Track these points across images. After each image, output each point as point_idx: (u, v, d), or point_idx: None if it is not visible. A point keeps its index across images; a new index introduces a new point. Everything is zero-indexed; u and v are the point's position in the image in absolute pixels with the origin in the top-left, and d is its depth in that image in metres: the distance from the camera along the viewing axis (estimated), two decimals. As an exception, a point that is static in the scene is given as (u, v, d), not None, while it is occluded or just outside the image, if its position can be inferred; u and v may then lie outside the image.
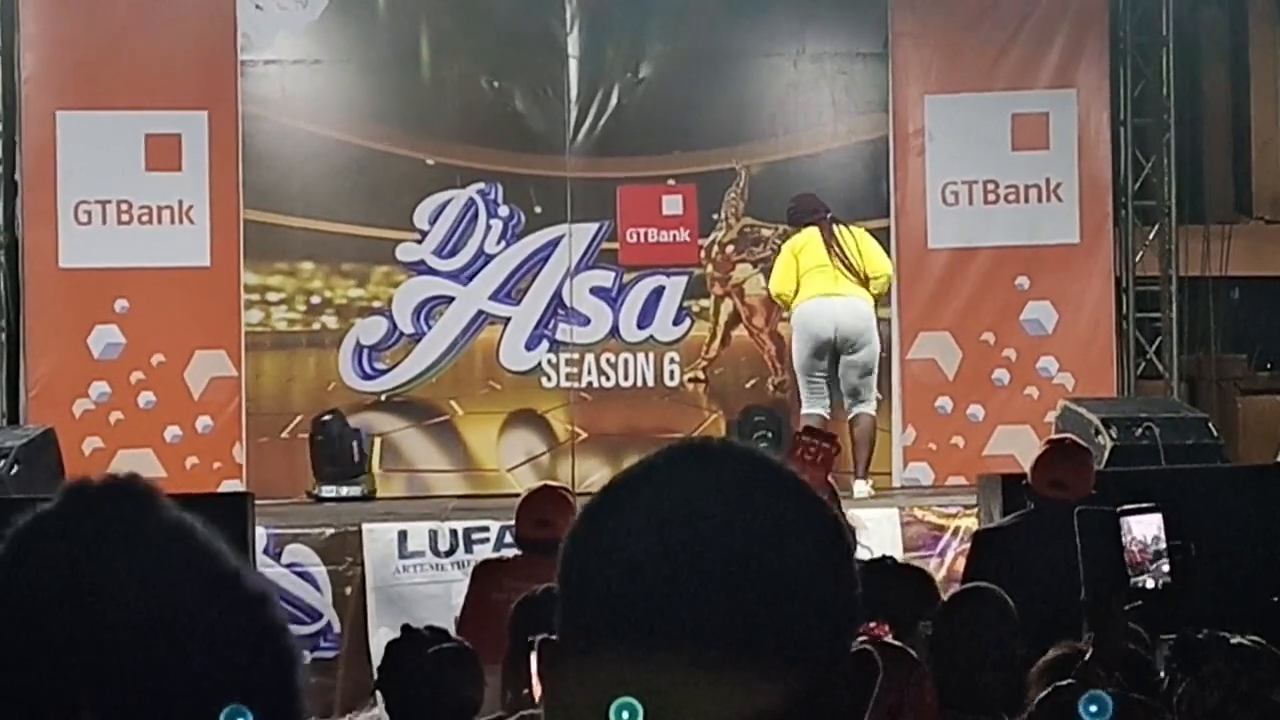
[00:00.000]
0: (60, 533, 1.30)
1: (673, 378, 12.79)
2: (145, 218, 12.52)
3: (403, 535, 10.58)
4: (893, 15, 12.85)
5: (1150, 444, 10.54)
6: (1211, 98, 14.21)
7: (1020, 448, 11.47)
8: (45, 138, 12.48)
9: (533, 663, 1.49)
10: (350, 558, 10.53)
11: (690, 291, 12.81)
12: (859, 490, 11.21)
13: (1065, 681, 4.64)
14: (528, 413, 12.76)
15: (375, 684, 5.77)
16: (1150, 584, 5.22)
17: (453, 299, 12.72)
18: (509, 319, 12.73)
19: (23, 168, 12.55)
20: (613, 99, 12.75)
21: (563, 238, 12.71)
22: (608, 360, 12.75)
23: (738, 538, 1.39)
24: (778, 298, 11.73)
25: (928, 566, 8.76)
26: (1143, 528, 5.33)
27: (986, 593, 6.06)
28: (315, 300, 12.77)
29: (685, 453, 1.46)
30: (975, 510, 10.26)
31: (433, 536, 10.59)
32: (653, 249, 12.79)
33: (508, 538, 9.97)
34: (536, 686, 1.47)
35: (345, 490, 12.20)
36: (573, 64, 12.76)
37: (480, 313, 12.74)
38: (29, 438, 10.60)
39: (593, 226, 12.73)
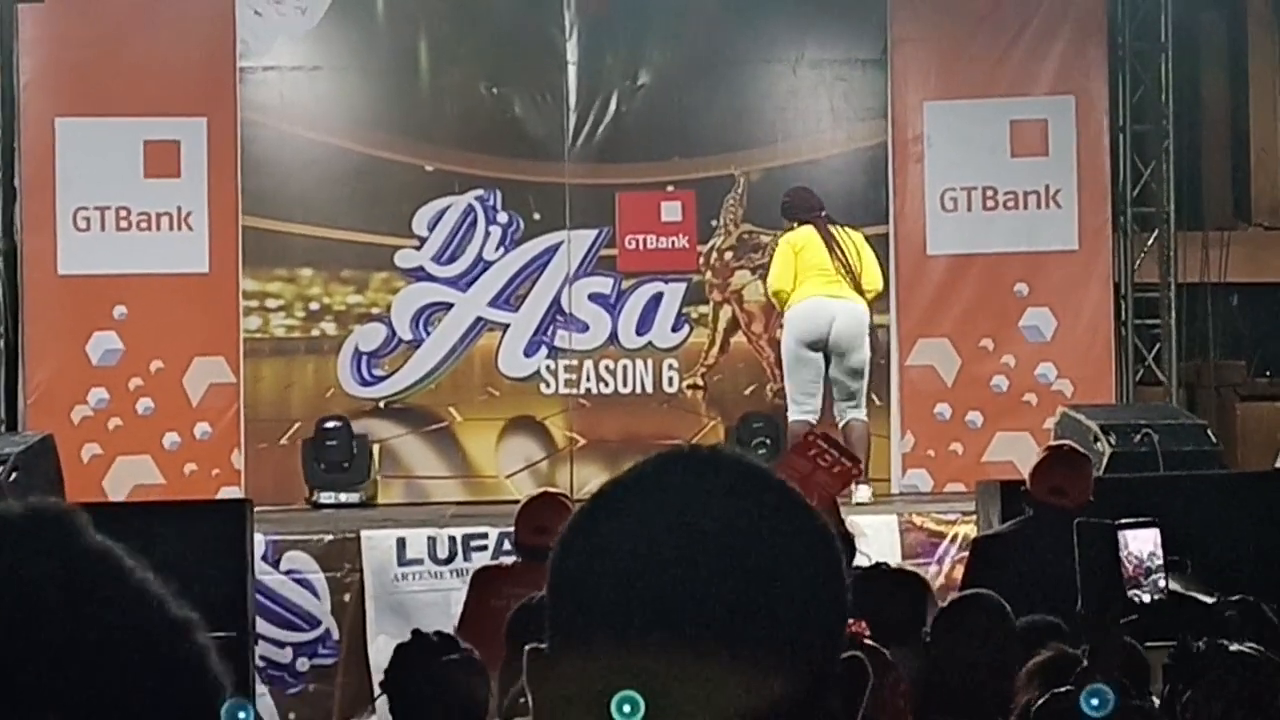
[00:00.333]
0: None
1: (671, 384, 12.79)
2: (144, 224, 12.51)
3: (401, 542, 10.57)
4: (892, 21, 12.85)
5: (1149, 451, 10.54)
6: (1210, 104, 14.20)
7: (1019, 454, 11.46)
8: (44, 144, 12.48)
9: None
10: (349, 564, 10.52)
11: (689, 298, 12.80)
12: (861, 495, 11.16)
13: (1064, 688, 4.64)
14: (526, 419, 12.75)
15: (380, 686, 5.78)
16: (1146, 598, 5.22)
17: (451, 305, 12.72)
18: (508, 325, 12.73)
19: (21, 174, 12.54)
20: (612, 105, 12.75)
21: (561, 244, 12.71)
22: (606, 367, 12.75)
23: (727, 545, 1.39)
24: (776, 295, 11.48)
25: (926, 574, 8.74)
26: (1139, 542, 5.33)
27: (985, 600, 6.06)
28: (314, 307, 12.76)
29: (675, 460, 1.46)
30: (974, 517, 10.26)
31: (431, 543, 10.58)
32: (651, 255, 12.78)
33: (506, 545, 9.97)
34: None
35: (344, 497, 12.20)
36: (572, 70, 12.76)
37: (479, 319, 12.74)
38: (27, 444, 10.58)
39: (591, 233, 12.73)
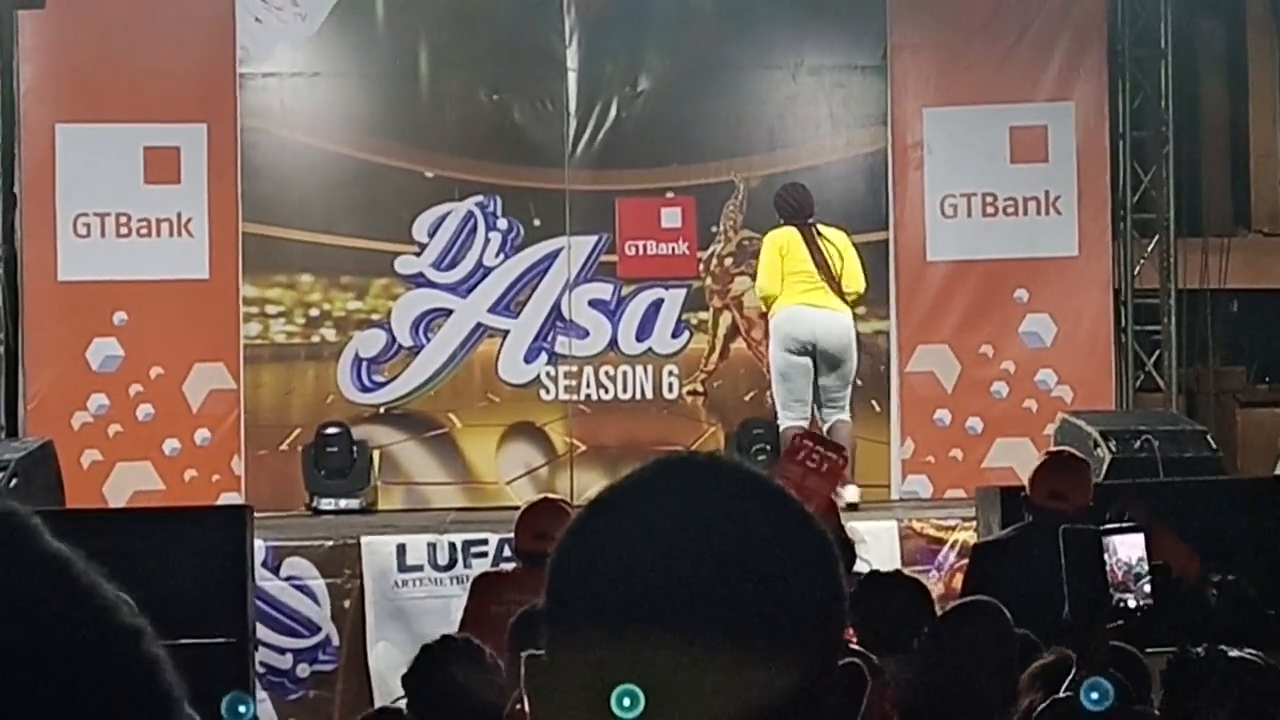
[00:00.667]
0: None
1: (671, 390, 12.79)
2: (144, 230, 12.51)
3: (401, 548, 10.57)
4: (891, 28, 12.85)
5: (1149, 457, 10.54)
6: (1210, 110, 14.20)
7: (1019, 460, 11.46)
8: (44, 150, 12.48)
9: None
10: (349, 571, 10.52)
11: (689, 304, 12.80)
12: (849, 494, 11.13)
13: (1064, 694, 4.64)
14: (526, 425, 12.75)
15: (402, 683, 5.84)
16: (1132, 603, 5.22)
17: (451, 311, 12.72)
18: (508, 332, 12.73)
19: (22, 180, 12.54)
20: (611, 112, 12.75)
21: (561, 250, 12.71)
22: (606, 373, 12.74)
23: (724, 550, 1.39)
24: (764, 298, 11.45)
25: (925, 581, 8.73)
26: (1127, 548, 5.33)
27: (984, 605, 6.06)
28: (314, 313, 12.76)
29: (672, 465, 1.46)
30: (974, 523, 10.26)
31: (431, 550, 10.58)
32: (651, 261, 12.78)
33: (506, 551, 9.98)
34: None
35: (344, 503, 12.20)
36: (571, 77, 12.76)
37: (479, 325, 12.74)
38: (28, 450, 10.58)
39: (591, 239, 12.73)
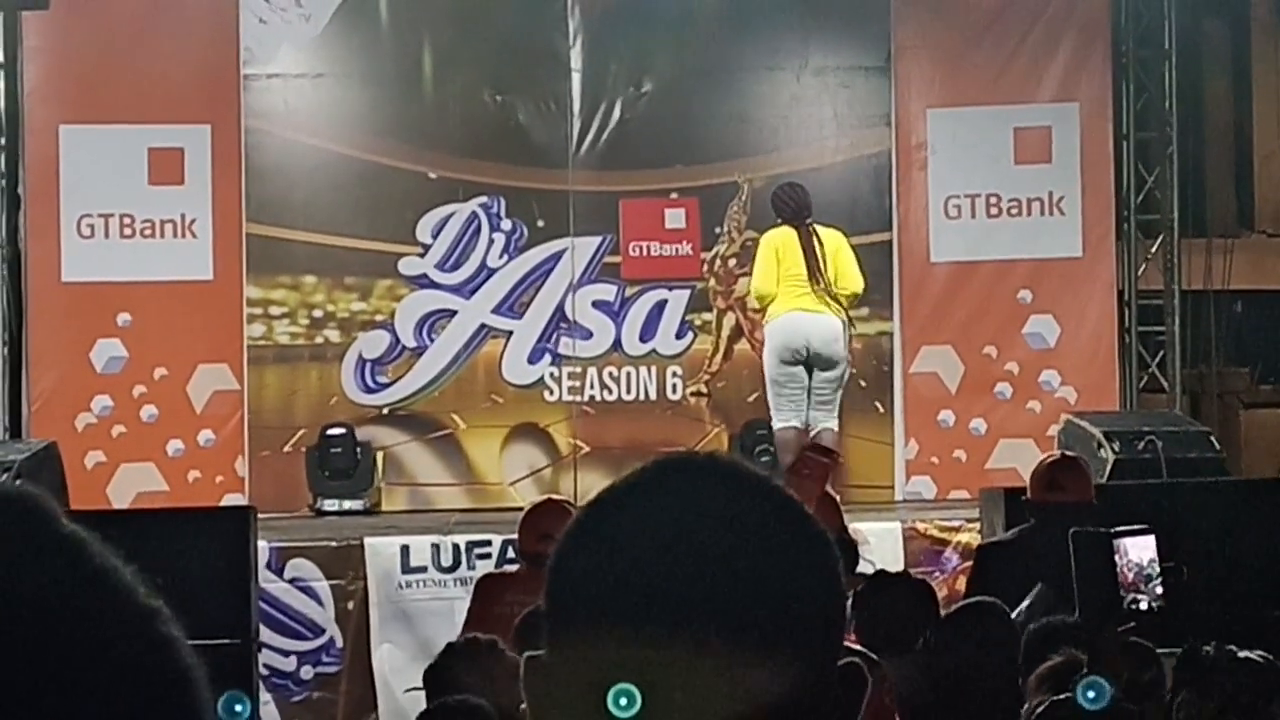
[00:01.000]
0: None
1: (675, 391, 12.78)
2: (148, 231, 12.52)
3: (405, 550, 10.57)
4: (895, 29, 12.85)
5: (1152, 458, 10.54)
6: (1214, 111, 14.20)
7: (1023, 461, 11.43)
8: (48, 151, 12.49)
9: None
10: (353, 572, 10.53)
11: (693, 305, 12.80)
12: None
13: (1063, 695, 4.64)
14: (530, 426, 12.75)
15: (423, 677, 5.86)
16: (1144, 605, 5.22)
17: (455, 312, 12.72)
18: (511, 333, 12.73)
19: (25, 181, 12.55)
20: (615, 113, 12.75)
21: (565, 251, 12.71)
22: (610, 374, 12.74)
23: (724, 551, 1.39)
24: (760, 299, 11.31)
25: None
26: (1138, 550, 5.33)
27: (988, 606, 6.06)
28: (318, 314, 12.76)
29: (672, 467, 1.46)
30: (977, 524, 10.26)
31: (435, 551, 10.58)
32: (655, 262, 12.78)
33: (510, 552, 9.98)
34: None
35: (348, 504, 12.20)
36: (575, 77, 12.76)
37: (483, 326, 12.74)
38: (31, 451, 10.59)
39: (595, 240, 12.73)
